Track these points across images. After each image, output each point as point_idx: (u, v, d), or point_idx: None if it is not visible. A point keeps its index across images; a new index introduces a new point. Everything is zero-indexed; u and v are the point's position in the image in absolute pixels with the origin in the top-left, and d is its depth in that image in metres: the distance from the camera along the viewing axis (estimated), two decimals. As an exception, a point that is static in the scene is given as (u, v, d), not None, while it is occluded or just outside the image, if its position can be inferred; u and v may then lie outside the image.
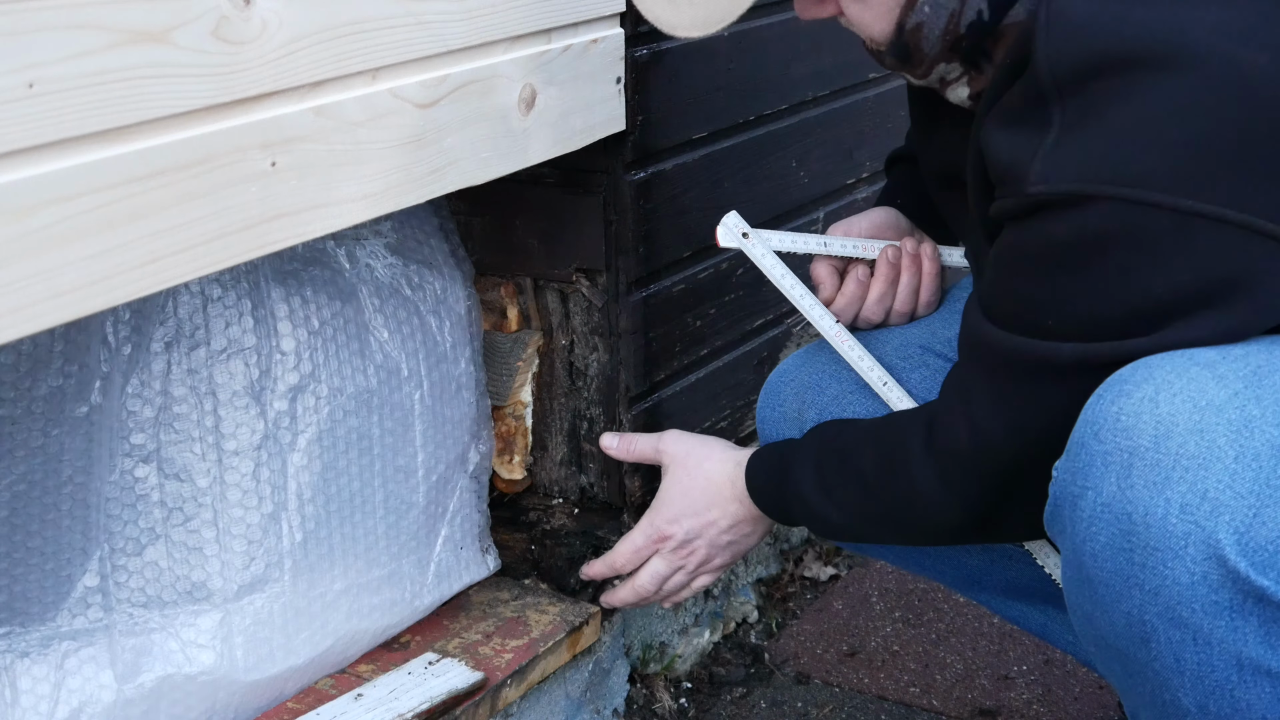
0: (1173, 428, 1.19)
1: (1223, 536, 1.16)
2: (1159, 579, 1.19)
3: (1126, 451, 1.20)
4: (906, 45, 1.41)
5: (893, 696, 2.13)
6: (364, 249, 1.78)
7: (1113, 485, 1.21)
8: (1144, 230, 1.24)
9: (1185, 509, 1.17)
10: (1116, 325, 1.27)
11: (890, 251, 1.70)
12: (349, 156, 1.45)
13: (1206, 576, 1.17)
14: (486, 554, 1.94)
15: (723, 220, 1.72)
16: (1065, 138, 1.26)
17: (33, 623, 1.56)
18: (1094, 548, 1.23)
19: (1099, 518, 1.23)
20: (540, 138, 1.70)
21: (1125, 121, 1.23)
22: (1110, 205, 1.24)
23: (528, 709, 1.87)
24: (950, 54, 1.40)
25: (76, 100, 1.17)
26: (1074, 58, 1.25)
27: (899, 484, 1.48)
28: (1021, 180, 1.28)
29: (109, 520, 1.60)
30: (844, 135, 2.38)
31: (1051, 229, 1.28)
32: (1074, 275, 1.28)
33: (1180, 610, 1.19)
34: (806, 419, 1.72)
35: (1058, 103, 1.26)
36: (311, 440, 1.69)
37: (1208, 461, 1.17)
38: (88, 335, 1.53)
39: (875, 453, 1.52)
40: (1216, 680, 1.20)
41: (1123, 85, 1.23)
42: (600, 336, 1.95)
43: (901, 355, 1.69)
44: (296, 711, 1.69)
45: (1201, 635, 1.19)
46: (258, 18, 1.32)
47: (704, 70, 2.00)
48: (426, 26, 1.51)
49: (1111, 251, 1.26)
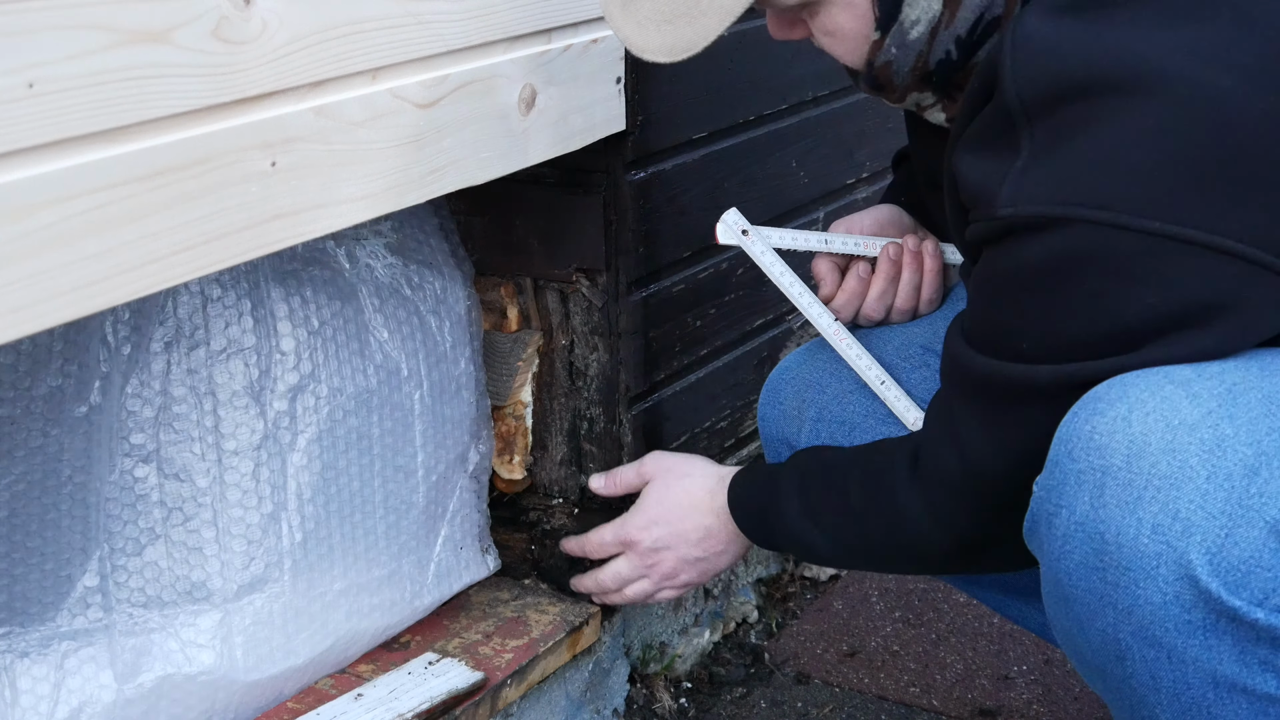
0: (1145, 447, 1.18)
1: (1194, 557, 1.15)
2: (1131, 598, 1.19)
3: (1099, 470, 1.20)
4: (876, 79, 1.42)
5: (893, 696, 2.13)
6: (364, 249, 1.78)
7: (1085, 504, 1.21)
8: (1114, 253, 1.24)
9: (1157, 529, 1.17)
10: (1091, 348, 1.27)
11: (892, 248, 1.69)
12: (349, 156, 1.45)
13: (1179, 596, 1.16)
14: (486, 554, 1.94)
15: (722, 218, 1.72)
16: (1034, 162, 1.26)
17: (33, 623, 1.56)
18: (1069, 566, 1.23)
19: (1073, 536, 1.22)
20: (540, 138, 1.70)
21: (1094, 145, 1.23)
22: (1079, 228, 1.24)
23: (528, 709, 1.87)
24: (922, 85, 1.42)
25: (76, 100, 1.17)
26: (1041, 83, 1.25)
27: (885, 513, 1.47)
28: (991, 204, 1.28)
29: (109, 520, 1.59)
30: (844, 135, 2.38)
31: (1022, 253, 1.28)
32: (1045, 299, 1.28)
33: (1154, 630, 1.18)
34: (806, 417, 1.72)
35: (1026, 127, 1.26)
36: (311, 440, 1.69)
37: (1180, 481, 1.16)
38: (88, 335, 1.53)
39: (861, 481, 1.51)
40: (1193, 698, 1.20)
41: (1091, 110, 1.23)
42: (600, 336, 1.95)
43: (903, 355, 1.69)
44: (296, 711, 1.69)
45: (1176, 654, 1.18)
46: (258, 18, 1.31)
47: (704, 70, 2.00)
48: (426, 26, 1.51)
49: (1082, 275, 1.25)
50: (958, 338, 1.39)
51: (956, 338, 1.39)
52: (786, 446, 1.74)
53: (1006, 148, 1.28)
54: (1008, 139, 1.28)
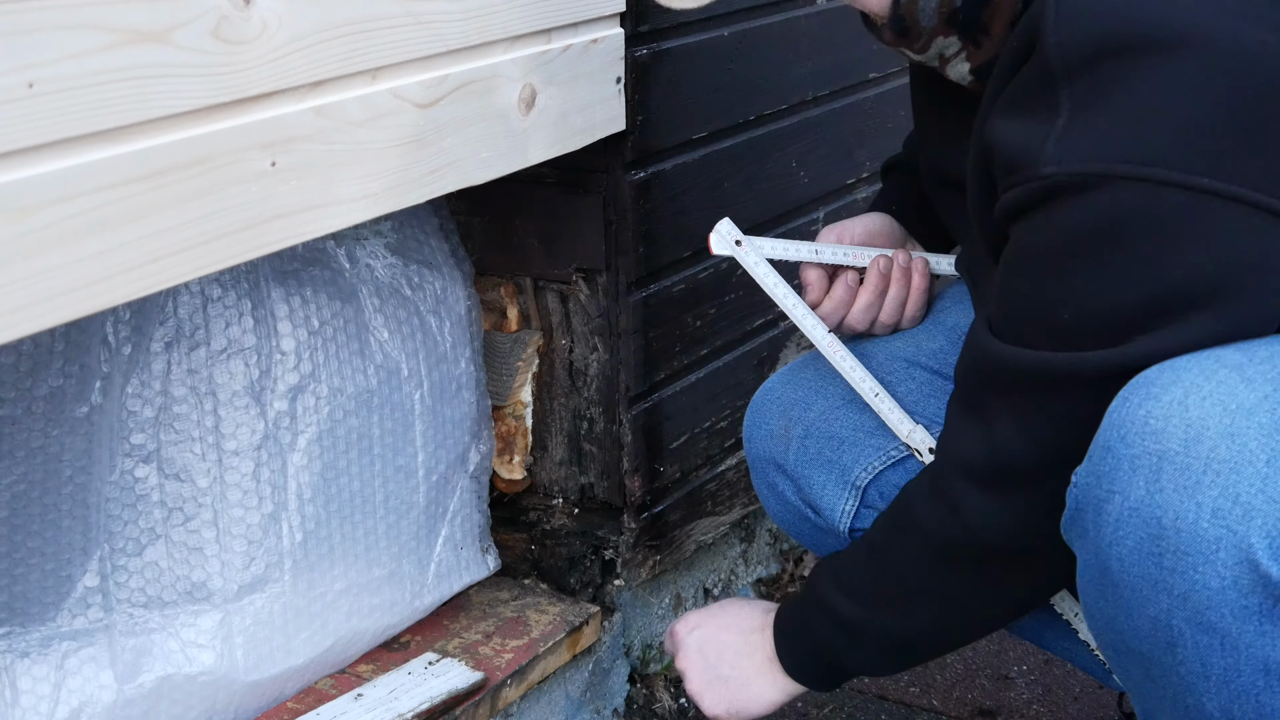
0: (1203, 431, 1.17)
1: (1255, 541, 1.15)
2: (1188, 583, 1.18)
3: (1156, 455, 1.19)
4: (903, 18, 1.40)
5: (893, 696, 2.13)
6: (364, 249, 1.78)
7: (1141, 489, 1.20)
8: (1160, 212, 1.22)
9: (1217, 513, 1.16)
10: (1136, 315, 1.25)
11: (882, 262, 1.69)
12: (349, 156, 1.45)
13: (1237, 581, 1.16)
14: (486, 554, 1.94)
15: (715, 227, 1.72)
16: (1076, 119, 1.24)
17: (33, 623, 1.56)
18: (1120, 552, 1.22)
19: (1126, 521, 1.21)
20: (540, 138, 1.70)
21: (1136, 103, 1.22)
22: (1124, 186, 1.22)
23: (528, 709, 1.87)
24: (947, 28, 1.39)
25: (76, 100, 1.17)
26: (1084, 39, 1.23)
27: (912, 540, 1.44)
28: (1033, 165, 1.26)
29: (109, 520, 1.60)
30: (844, 135, 2.38)
31: (1064, 217, 1.26)
32: (1089, 263, 1.26)
33: (1209, 615, 1.18)
34: (794, 435, 1.70)
35: (1066, 85, 1.24)
36: (311, 440, 1.69)
37: (1239, 465, 1.16)
38: (88, 335, 1.53)
39: (883, 527, 1.48)
40: (1243, 685, 1.19)
41: (1132, 66, 1.22)
42: (600, 336, 1.95)
43: (887, 369, 1.68)
44: (296, 711, 1.69)
45: (1230, 640, 1.18)
46: (258, 18, 1.32)
47: (704, 70, 2.00)
48: (426, 26, 1.51)
49: (1126, 236, 1.24)
50: (985, 333, 1.36)
51: (984, 333, 1.37)
52: (774, 466, 1.73)
53: (1045, 108, 1.25)
54: (1047, 99, 1.25)
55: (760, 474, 1.76)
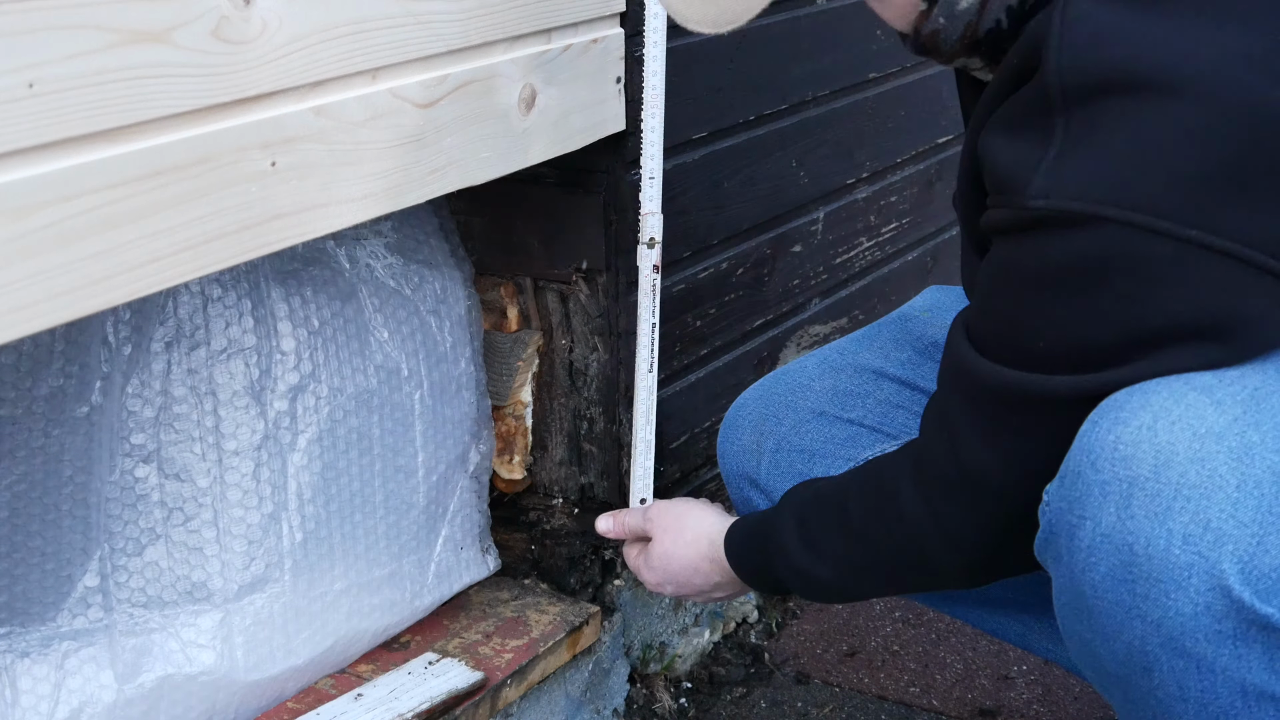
0: (1172, 456, 1.16)
1: (1226, 566, 1.14)
2: (1161, 610, 1.17)
3: (1126, 481, 1.18)
4: (923, 45, 1.39)
5: (893, 696, 2.13)
6: (364, 249, 1.78)
7: (1112, 515, 1.19)
8: (1145, 258, 1.20)
9: (1188, 539, 1.15)
10: (1110, 351, 1.24)
11: None
12: (349, 156, 1.45)
13: (1210, 606, 1.15)
14: (486, 554, 1.94)
15: None
16: (1069, 152, 1.22)
17: (33, 623, 1.56)
18: (1093, 578, 1.21)
19: (1099, 548, 1.20)
20: (540, 137, 1.70)
21: (1132, 144, 1.20)
22: (1112, 229, 1.20)
23: (528, 709, 1.87)
24: (970, 52, 1.38)
25: (76, 100, 1.17)
26: (1088, 71, 1.21)
27: (889, 522, 1.44)
28: (1021, 192, 1.24)
29: (109, 520, 1.60)
30: (844, 135, 2.38)
31: (1048, 250, 1.24)
32: (1068, 300, 1.24)
33: (1184, 640, 1.17)
34: (765, 449, 1.70)
35: (1062, 114, 1.22)
36: (311, 440, 1.69)
37: (1209, 490, 1.15)
38: (88, 335, 1.53)
39: (860, 498, 1.47)
40: (1220, 707, 1.19)
41: (1132, 106, 1.19)
42: (600, 336, 1.95)
43: (856, 383, 1.68)
44: (296, 711, 1.69)
45: (1205, 664, 1.17)
46: (258, 18, 1.32)
47: (704, 70, 2.00)
48: (426, 26, 1.51)
49: (1109, 277, 1.22)
50: (963, 341, 1.35)
51: (962, 341, 1.35)
52: (748, 481, 1.72)
53: (1040, 133, 1.23)
54: (1041, 124, 1.23)
55: (735, 488, 1.76)
